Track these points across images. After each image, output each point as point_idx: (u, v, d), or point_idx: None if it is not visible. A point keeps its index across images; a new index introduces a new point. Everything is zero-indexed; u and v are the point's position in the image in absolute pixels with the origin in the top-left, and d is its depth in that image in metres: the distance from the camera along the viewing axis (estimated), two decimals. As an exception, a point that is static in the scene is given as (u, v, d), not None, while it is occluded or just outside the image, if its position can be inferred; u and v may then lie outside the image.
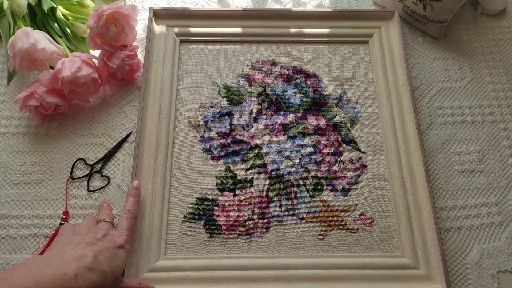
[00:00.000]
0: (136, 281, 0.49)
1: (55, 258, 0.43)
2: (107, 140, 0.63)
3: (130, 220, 0.52)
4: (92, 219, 0.53)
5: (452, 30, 0.74)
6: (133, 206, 0.53)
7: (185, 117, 0.63)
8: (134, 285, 0.49)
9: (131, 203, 0.53)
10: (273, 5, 0.76)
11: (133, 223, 0.52)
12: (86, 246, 0.45)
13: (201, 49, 0.68)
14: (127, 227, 0.51)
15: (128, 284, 0.49)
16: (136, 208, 0.53)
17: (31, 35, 0.57)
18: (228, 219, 0.57)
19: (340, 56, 0.69)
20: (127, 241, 0.49)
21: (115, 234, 0.49)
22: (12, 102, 0.66)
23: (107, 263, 0.45)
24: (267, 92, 0.65)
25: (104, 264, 0.44)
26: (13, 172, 0.60)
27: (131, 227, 0.51)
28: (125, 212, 0.52)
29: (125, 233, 0.50)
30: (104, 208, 0.55)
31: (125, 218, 0.51)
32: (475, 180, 0.62)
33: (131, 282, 0.49)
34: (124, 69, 0.62)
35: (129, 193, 0.54)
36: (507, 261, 0.57)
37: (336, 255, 0.55)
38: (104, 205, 0.55)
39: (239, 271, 0.53)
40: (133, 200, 0.53)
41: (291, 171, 0.60)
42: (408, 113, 0.62)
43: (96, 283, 0.43)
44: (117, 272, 0.46)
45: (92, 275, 0.43)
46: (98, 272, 0.43)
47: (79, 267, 0.42)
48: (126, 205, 0.53)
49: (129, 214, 0.52)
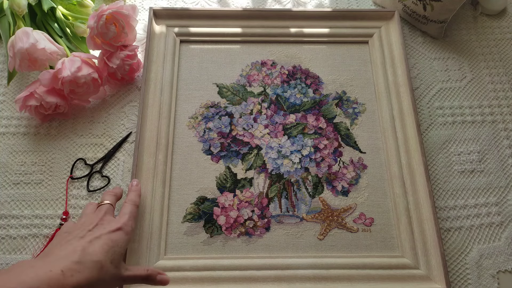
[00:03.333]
0: (143, 269, 0.47)
1: (40, 259, 0.41)
2: (107, 140, 0.63)
3: (132, 207, 0.50)
4: (91, 207, 0.51)
5: (452, 30, 0.74)
6: (134, 196, 0.53)
7: (185, 117, 0.63)
8: (142, 272, 0.46)
9: (132, 195, 0.53)
10: (273, 5, 0.76)
11: (134, 210, 0.51)
12: (75, 241, 0.43)
13: (201, 49, 0.68)
14: (128, 212, 0.49)
15: (136, 271, 0.46)
16: (136, 198, 0.53)
17: (31, 35, 0.57)
18: (228, 219, 0.57)
19: (340, 56, 0.69)
20: (126, 223, 0.47)
21: (111, 219, 0.48)
22: (12, 102, 0.66)
23: (101, 251, 0.42)
24: (267, 92, 0.65)
25: (96, 254, 0.42)
26: (13, 172, 0.61)
27: (133, 212, 0.50)
28: (126, 201, 0.52)
29: (125, 217, 0.48)
30: (110, 191, 0.53)
31: (126, 205, 0.51)
32: (475, 180, 0.62)
33: (138, 270, 0.46)
34: (124, 69, 0.62)
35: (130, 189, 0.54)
36: (507, 261, 0.57)
37: (336, 255, 0.55)
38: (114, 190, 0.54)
39: (239, 271, 0.53)
40: (133, 193, 0.53)
41: (291, 171, 0.60)
42: (408, 113, 0.62)
43: (89, 276, 0.40)
44: (116, 258, 0.44)
45: (82, 269, 0.40)
46: (90, 263, 0.41)
47: (66, 262, 0.40)
48: (127, 197, 0.52)
49: (130, 202, 0.51)
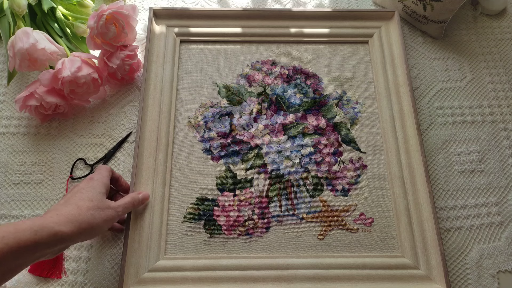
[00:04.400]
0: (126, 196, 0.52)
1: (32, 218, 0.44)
2: (107, 140, 0.63)
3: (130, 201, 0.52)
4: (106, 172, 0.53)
5: (452, 30, 0.74)
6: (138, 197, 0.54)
7: (185, 117, 0.63)
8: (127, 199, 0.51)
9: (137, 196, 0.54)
10: (273, 5, 0.76)
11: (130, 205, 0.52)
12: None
13: (201, 49, 0.68)
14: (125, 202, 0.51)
15: (121, 202, 0.50)
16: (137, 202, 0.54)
17: (31, 35, 0.57)
18: (228, 219, 0.57)
19: (340, 56, 0.69)
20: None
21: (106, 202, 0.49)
22: (12, 102, 0.66)
23: (78, 198, 0.46)
24: (267, 92, 0.65)
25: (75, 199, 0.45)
26: (13, 172, 0.61)
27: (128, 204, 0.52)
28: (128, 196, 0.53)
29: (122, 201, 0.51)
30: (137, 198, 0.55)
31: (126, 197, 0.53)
32: (475, 180, 0.62)
33: (123, 199, 0.51)
34: (124, 69, 0.62)
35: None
36: (507, 261, 0.57)
37: (336, 255, 0.55)
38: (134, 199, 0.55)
39: (239, 271, 0.53)
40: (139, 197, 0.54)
41: (291, 171, 0.60)
42: (408, 113, 0.62)
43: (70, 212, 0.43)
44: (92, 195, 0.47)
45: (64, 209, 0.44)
46: (71, 206, 0.44)
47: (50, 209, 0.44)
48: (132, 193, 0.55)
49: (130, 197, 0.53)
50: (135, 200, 0.52)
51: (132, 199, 0.52)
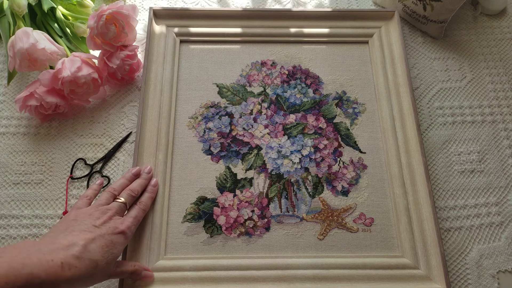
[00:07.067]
0: (131, 264, 0.49)
1: (45, 244, 0.42)
2: (107, 140, 0.63)
3: (140, 211, 0.52)
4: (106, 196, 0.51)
5: (452, 30, 0.74)
6: (146, 199, 0.54)
7: (185, 117, 0.63)
8: (129, 268, 0.49)
9: (146, 197, 0.54)
10: (273, 5, 0.76)
11: (141, 214, 0.52)
12: (80, 233, 0.44)
13: (201, 49, 0.68)
14: (134, 216, 0.50)
15: (123, 268, 0.48)
16: (148, 202, 0.54)
17: (31, 35, 0.57)
18: (228, 219, 0.57)
19: (340, 56, 0.69)
20: (129, 227, 0.48)
21: (118, 220, 0.48)
22: (12, 102, 0.66)
23: (100, 252, 0.44)
24: (267, 92, 0.65)
25: (95, 253, 0.43)
26: (13, 172, 0.61)
27: (139, 217, 0.51)
28: (137, 203, 0.53)
29: (130, 220, 0.49)
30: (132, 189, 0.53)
31: (134, 208, 0.52)
32: (475, 180, 0.62)
33: (126, 266, 0.49)
34: (124, 69, 0.62)
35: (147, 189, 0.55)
36: (507, 261, 0.57)
37: (336, 255, 0.55)
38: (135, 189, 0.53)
39: (239, 271, 0.53)
40: (148, 195, 0.54)
41: (291, 171, 0.60)
42: (408, 113, 0.62)
43: (84, 272, 0.42)
44: (110, 260, 0.45)
45: (80, 264, 0.42)
46: (87, 261, 0.42)
47: (67, 255, 0.41)
48: (140, 198, 0.53)
49: (140, 205, 0.52)
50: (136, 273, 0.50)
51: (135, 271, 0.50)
